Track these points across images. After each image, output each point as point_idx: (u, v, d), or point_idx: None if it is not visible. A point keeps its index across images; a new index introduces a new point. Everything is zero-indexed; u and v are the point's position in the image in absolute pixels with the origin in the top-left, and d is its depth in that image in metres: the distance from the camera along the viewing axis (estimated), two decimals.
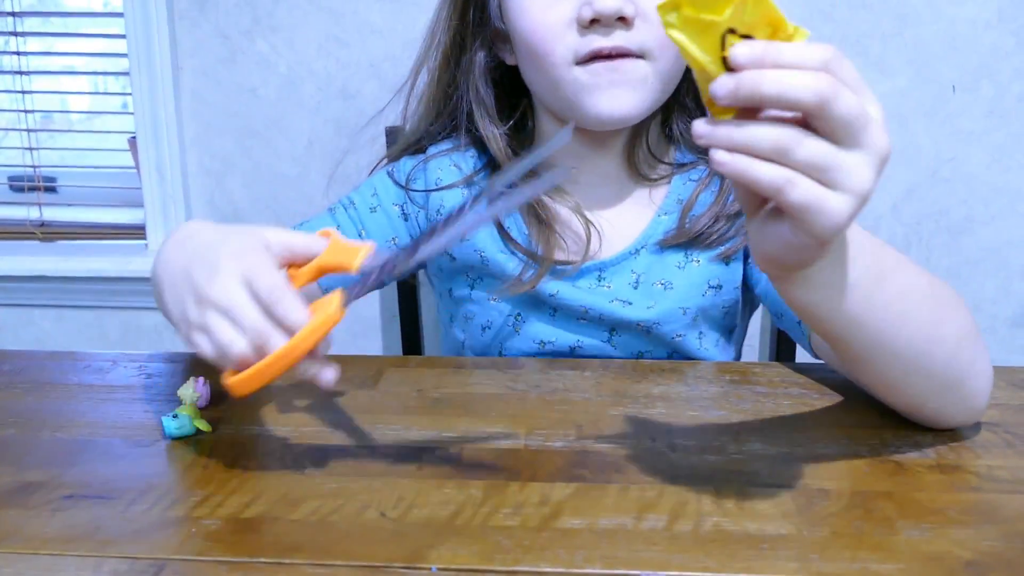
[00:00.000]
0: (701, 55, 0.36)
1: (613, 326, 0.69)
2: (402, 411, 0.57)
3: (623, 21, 0.61)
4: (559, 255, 0.68)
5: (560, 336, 0.70)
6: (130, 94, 1.15)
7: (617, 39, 0.61)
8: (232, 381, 0.45)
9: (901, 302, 0.47)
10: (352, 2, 1.08)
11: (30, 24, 1.21)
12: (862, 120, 0.36)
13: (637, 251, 0.69)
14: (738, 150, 0.36)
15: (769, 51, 0.35)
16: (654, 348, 0.70)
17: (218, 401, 0.57)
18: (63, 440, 0.53)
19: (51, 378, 0.63)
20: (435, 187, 0.72)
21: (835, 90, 0.35)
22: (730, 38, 0.35)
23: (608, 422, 0.55)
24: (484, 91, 0.70)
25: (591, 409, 0.57)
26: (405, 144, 0.76)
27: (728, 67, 0.36)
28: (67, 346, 1.24)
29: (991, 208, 1.09)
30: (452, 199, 0.72)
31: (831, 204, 0.36)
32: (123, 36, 1.13)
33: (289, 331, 0.44)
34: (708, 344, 0.71)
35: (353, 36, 1.09)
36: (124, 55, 1.14)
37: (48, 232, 1.27)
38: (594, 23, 0.61)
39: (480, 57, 0.70)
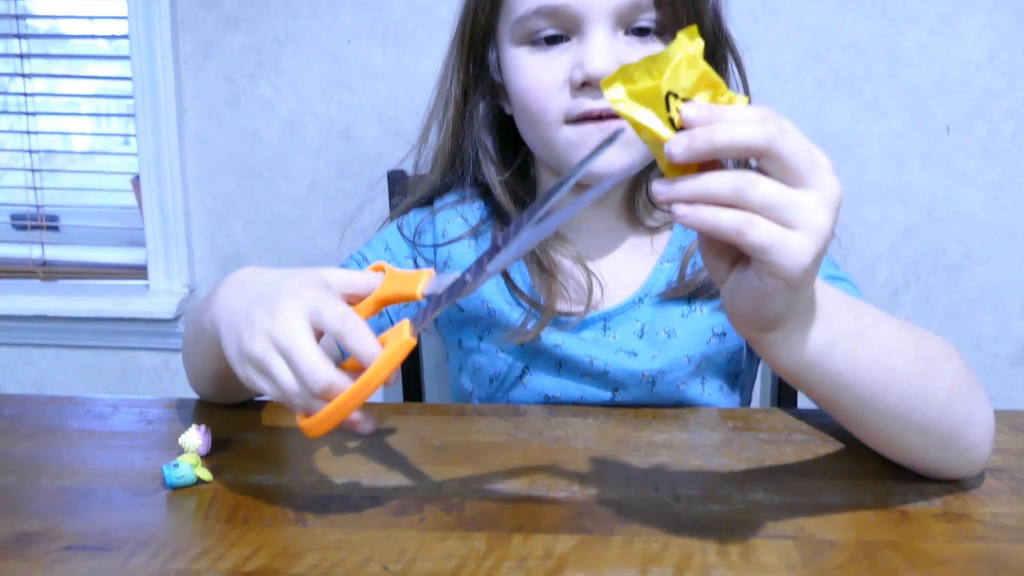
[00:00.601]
0: (650, 122, 0.39)
1: (616, 385, 0.68)
2: (403, 460, 0.56)
3: None
4: (562, 305, 0.68)
5: (565, 391, 0.70)
6: (133, 135, 1.17)
7: (607, 102, 0.62)
8: (305, 424, 0.45)
9: (886, 359, 0.47)
10: (354, 46, 1.10)
11: (36, 65, 1.23)
12: (809, 159, 0.38)
13: (640, 300, 0.69)
14: (699, 200, 0.38)
15: (715, 109, 0.38)
16: (658, 405, 0.69)
17: (219, 449, 0.57)
18: (62, 488, 0.52)
19: (51, 423, 0.63)
20: (443, 240, 0.73)
21: (780, 130, 0.37)
22: (673, 102, 0.38)
23: (611, 471, 0.54)
24: (486, 139, 0.72)
25: (594, 458, 0.56)
26: (418, 198, 0.77)
27: (677, 129, 0.38)
28: (66, 386, 1.24)
29: (988, 247, 1.10)
30: (459, 251, 0.72)
31: (792, 242, 0.38)
32: (128, 78, 1.15)
33: (363, 362, 0.44)
34: (711, 390, 0.70)
35: (355, 80, 1.11)
36: (128, 96, 1.16)
37: (50, 271, 1.27)
38: (585, 86, 0.62)
39: (481, 106, 0.71)
